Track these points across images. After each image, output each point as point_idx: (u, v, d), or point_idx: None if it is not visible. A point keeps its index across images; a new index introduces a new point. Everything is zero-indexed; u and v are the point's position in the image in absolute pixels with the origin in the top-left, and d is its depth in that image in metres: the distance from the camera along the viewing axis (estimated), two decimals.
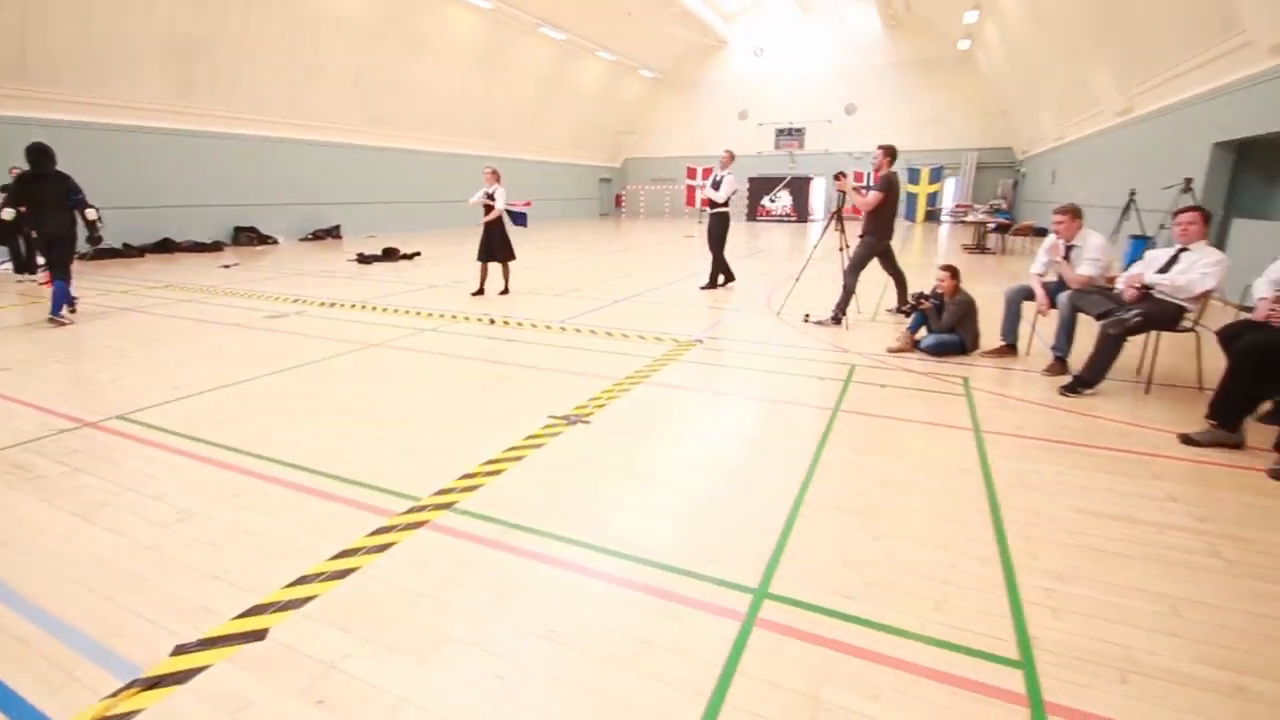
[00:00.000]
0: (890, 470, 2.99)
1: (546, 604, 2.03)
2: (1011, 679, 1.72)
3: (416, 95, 17.71)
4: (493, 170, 7.41)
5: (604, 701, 1.65)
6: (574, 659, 1.79)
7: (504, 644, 1.85)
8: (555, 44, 20.92)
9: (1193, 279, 3.80)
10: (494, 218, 7.29)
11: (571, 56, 22.18)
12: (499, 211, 7.25)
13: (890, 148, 5.89)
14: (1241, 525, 2.48)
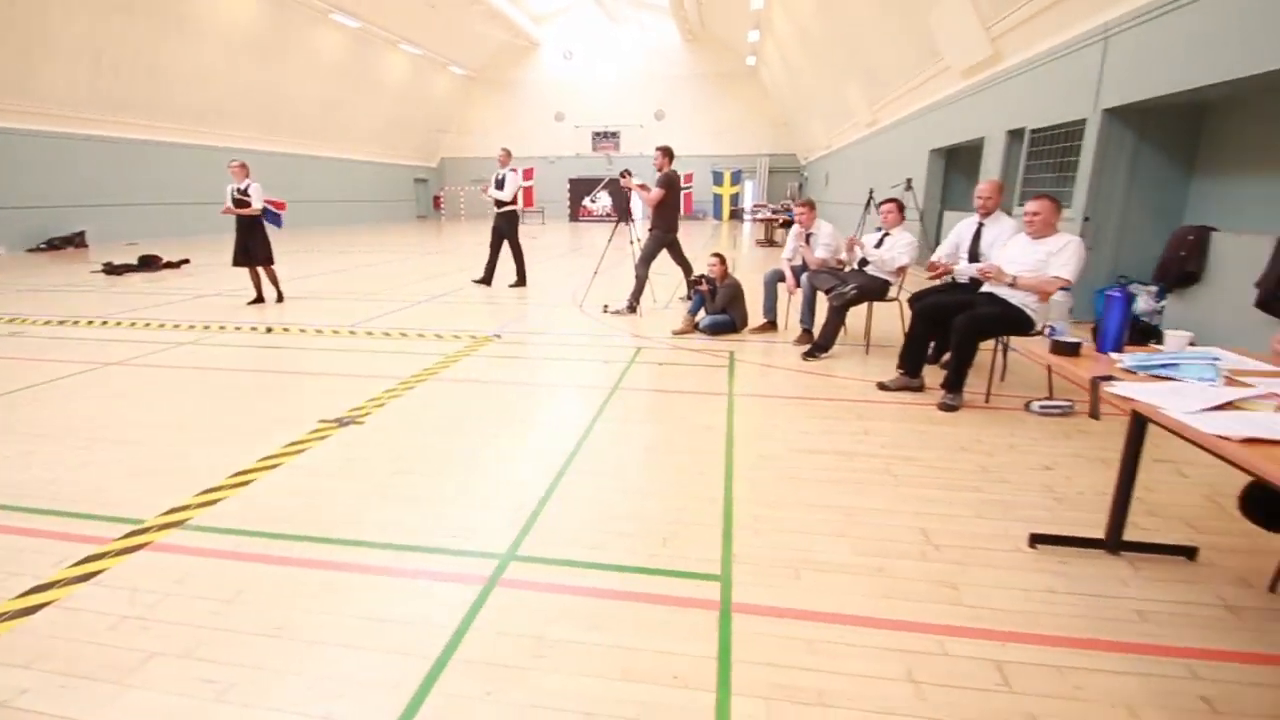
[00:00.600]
0: (650, 435, 3.29)
1: (277, 603, 1.95)
2: (710, 590, 2.01)
3: (181, 81, 15.42)
4: (241, 164, 6.62)
5: (328, 684, 1.64)
6: (301, 650, 1.76)
7: (221, 649, 1.76)
8: (350, 33, 19.48)
9: (893, 255, 4.65)
10: (250, 215, 6.60)
11: (370, 47, 20.79)
12: (256, 209, 6.58)
13: (667, 148, 6.37)
14: (910, 448, 3.11)
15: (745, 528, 2.37)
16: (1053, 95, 6.37)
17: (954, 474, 2.82)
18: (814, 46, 15.25)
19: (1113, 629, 1.84)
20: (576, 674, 1.66)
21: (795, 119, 22.55)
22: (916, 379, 3.89)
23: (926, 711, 1.55)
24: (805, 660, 1.71)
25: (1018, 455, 3.02)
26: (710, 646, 1.76)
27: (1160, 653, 1.75)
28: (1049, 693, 1.61)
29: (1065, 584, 2.05)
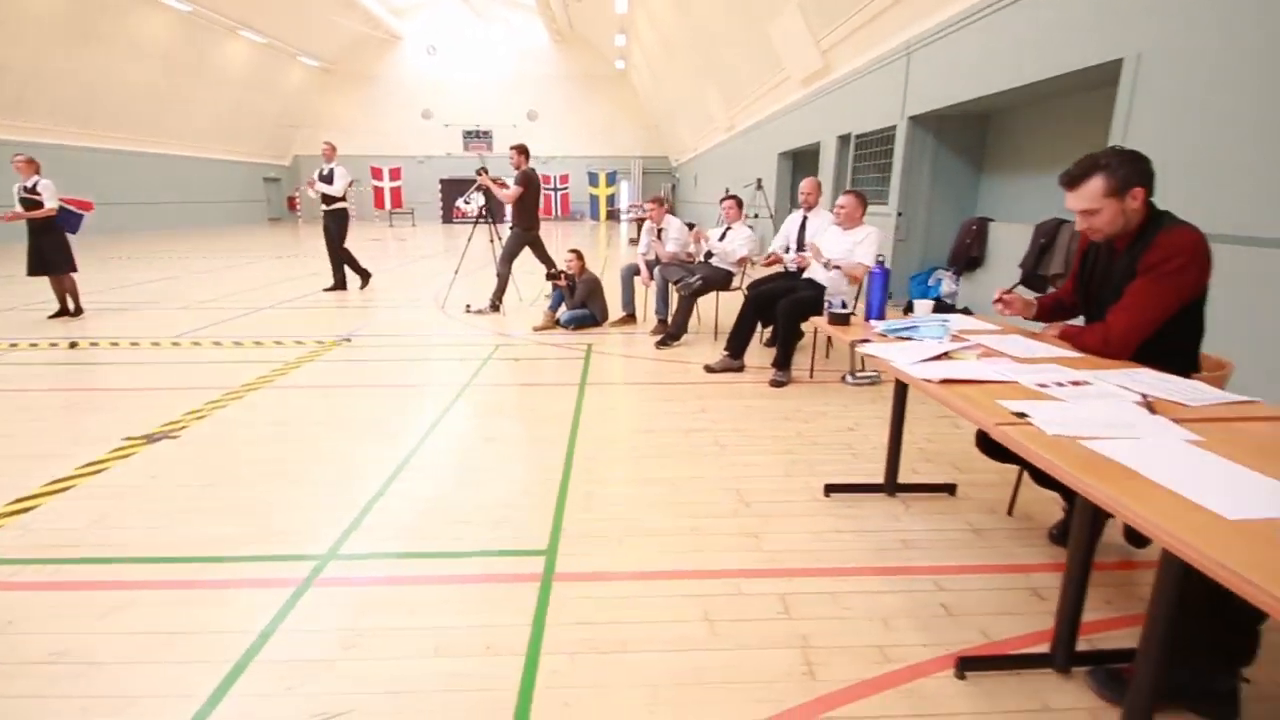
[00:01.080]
0: (496, 427, 3.31)
1: (54, 630, 1.78)
2: (535, 564, 2.09)
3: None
4: (27, 159, 5.76)
5: (108, 703, 1.53)
6: (79, 673, 1.62)
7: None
8: (179, 16, 17.53)
9: (734, 248, 4.99)
10: (43, 217, 5.79)
11: (205, 33, 18.84)
12: (51, 209, 5.79)
13: (522, 146, 6.38)
14: (739, 422, 3.38)
15: (577, 505, 2.48)
16: (872, 104, 7.12)
17: (773, 441, 3.11)
18: (675, 52, 15.85)
19: (880, 557, 2.13)
20: (386, 658, 1.67)
21: (664, 122, 23.28)
22: (739, 360, 4.21)
23: (717, 644, 1.72)
24: (614, 615, 1.84)
25: (829, 420, 3.39)
26: (526, 616, 1.84)
27: (915, 573, 2.06)
28: (821, 615, 1.84)
29: (849, 524, 2.34)
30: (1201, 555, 0.87)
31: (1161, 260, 1.72)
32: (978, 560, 2.13)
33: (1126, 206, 1.77)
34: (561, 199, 25.71)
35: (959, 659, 1.62)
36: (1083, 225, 1.86)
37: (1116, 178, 1.75)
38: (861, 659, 1.67)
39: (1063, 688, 1.58)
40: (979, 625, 1.81)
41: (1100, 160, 1.78)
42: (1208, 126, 3.06)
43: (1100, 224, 1.81)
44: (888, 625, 1.80)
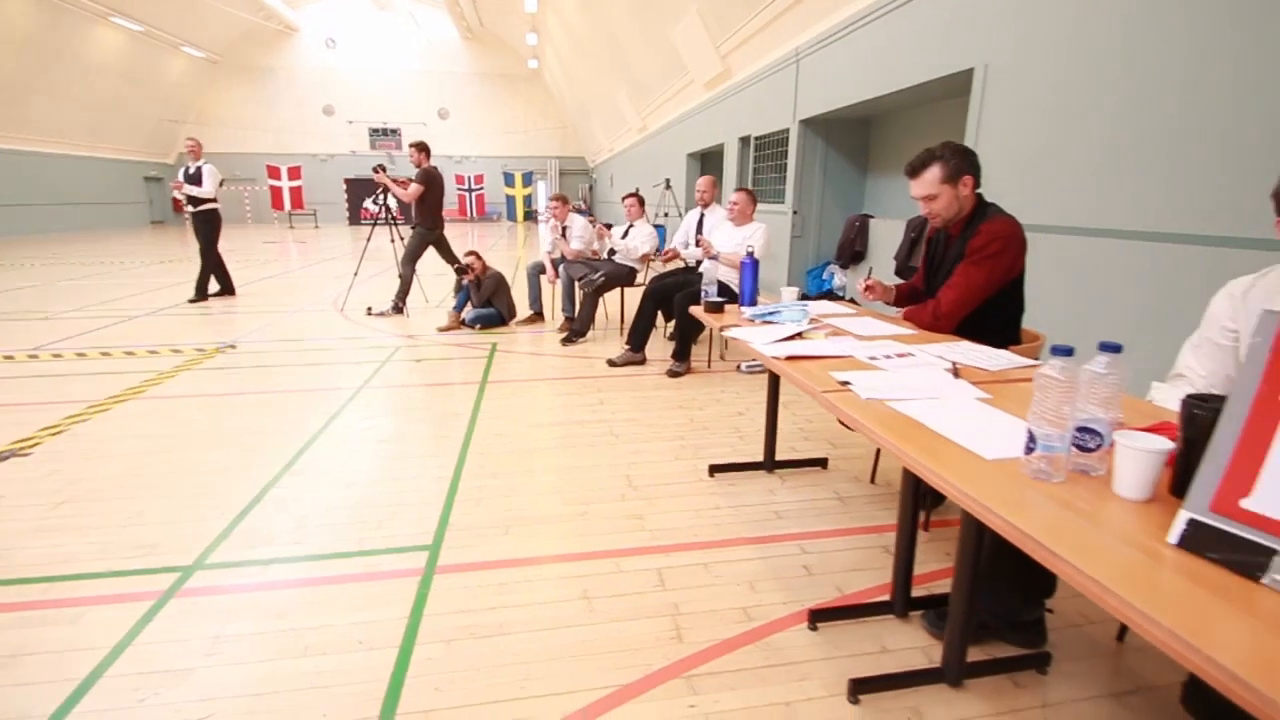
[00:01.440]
0: (389, 428, 3.25)
1: None
2: (418, 559, 2.08)
3: None
4: None
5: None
6: None
7: None
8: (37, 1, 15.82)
9: (636, 245, 5.10)
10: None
11: (67, 18, 17.10)
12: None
13: (421, 143, 6.24)
14: (635, 412, 3.48)
15: (467, 499, 2.48)
16: (768, 107, 7.45)
17: (666, 428, 3.23)
18: (585, 53, 15.90)
19: (753, 528, 2.28)
20: (250, 662, 1.63)
21: (580, 123, 23.28)
22: (640, 354, 4.33)
23: (593, 619, 1.79)
24: (494, 601, 1.87)
25: (721, 407, 3.54)
26: (404, 609, 1.83)
27: (783, 540, 2.21)
28: (693, 584, 1.95)
29: (728, 500, 2.47)
30: (959, 490, 1.02)
31: (983, 245, 1.95)
32: (840, 525, 2.31)
33: (959, 193, 2.01)
34: (476, 199, 25.16)
35: (810, 612, 1.77)
36: (924, 210, 2.09)
37: (950, 166, 1.98)
38: (726, 620, 1.79)
39: (900, 630, 1.75)
40: (835, 582, 1.97)
41: (936, 152, 2.01)
42: (1043, 129, 3.44)
43: (938, 208, 2.04)
44: (753, 588, 1.93)
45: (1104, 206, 3.04)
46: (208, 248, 6.89)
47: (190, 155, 6.85)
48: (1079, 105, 3.18)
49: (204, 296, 7.02)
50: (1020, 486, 1.00)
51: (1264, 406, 0.78)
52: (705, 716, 1.46)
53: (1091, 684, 1.57)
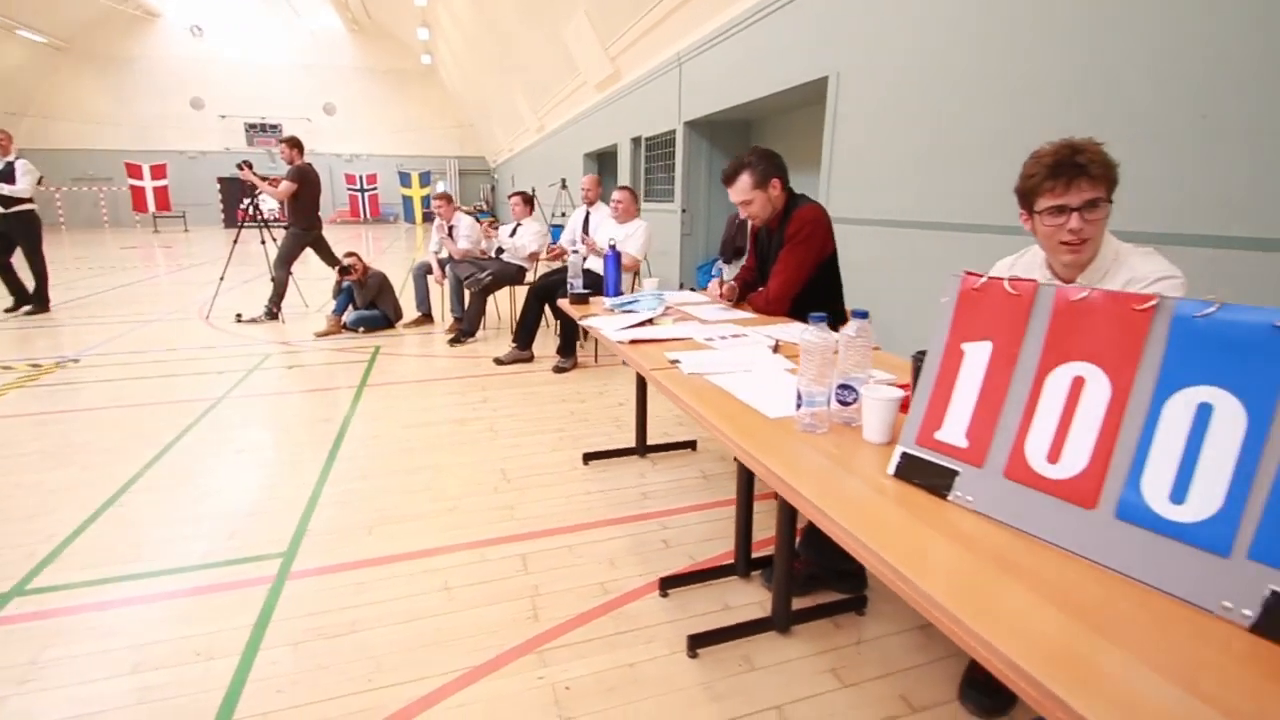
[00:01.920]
0: (251, 438, 3.08)
1: None
2: (270, 567, 2.01)
3: None
4: None
5: None
6: None
7: None
8: None
9: (524, 243, 5.10)
10: None
11: None
12: None
13: (293, 139, 5.93)
14: (518, 408, 3.50)
15: (331, 503, 2.42)
16: (656, 109, 7.65)
17: (547, 421, 3.27)
18: (479, 51, 15.59)
19: (620, 509, 2.37)
20: (70, 685, 1.53)
21: (479, 122, 22.76)
22: (527, 351, 4.36)
23: (451, 608, 1.81)
24: (349, 601, 1.84)
25: (603, 399, 3.64)
26: (249, 618, 1.77)
27: (647, 518, 2.32)
28: (555, 565, 2.01)
29: (599, 485, 2.56)
30: (730, 440, 1.15)
31: (796, 231, 2.15)
32: (700, 500, 2.45)
33: (770, 195, 2.20)
34: (370, 200, 23.96)
35: (661, 580, 1.88)
36: (744, 214, 2.28)
37: (757, 173, 2.17)
38: (583, 596, 1.86)
39: (742, 589, 1.90)
40: (689, 552, 2.10)
41: (745, 160, 2.20)
42: (882, 134, 3.78)
43: (754, 211, 2.23)
44: (613, 564, 2.02)
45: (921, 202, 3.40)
46: (34, 252, 6.08)
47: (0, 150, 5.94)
48: (908, 112, 3.53)
49: (45, 306, 6.27)
50: (789, 438, 1.14)
51: (950, 354, 0.94)
52: (552, 685, 1.53)
53: (902, 619, 1.78)
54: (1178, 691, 0.56)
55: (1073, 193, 1.29)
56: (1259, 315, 0.67)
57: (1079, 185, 1.29)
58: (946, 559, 0.79)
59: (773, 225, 2.30)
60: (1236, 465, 0.68)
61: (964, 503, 0.88)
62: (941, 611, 0.70)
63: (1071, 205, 1.29)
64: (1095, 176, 1.28)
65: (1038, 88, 2.71)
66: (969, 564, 0.77)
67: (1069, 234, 1.31)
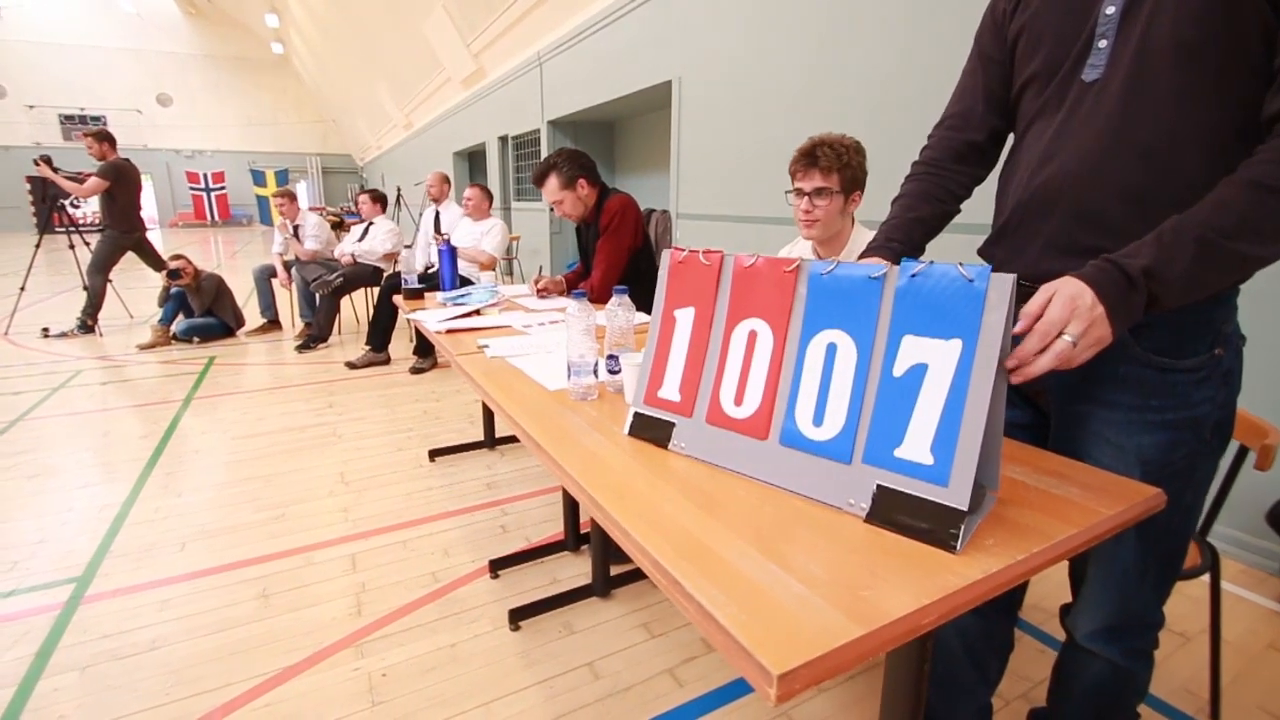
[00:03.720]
0: (46, 461, 2.77)
1: None
2: (59, 594, 1.84)
3: None
4: None
5: None
6: None
7: None
8: None
9: (374, 245, 4.91)
10: None
11: None
12: None
13: (102, 132, 5.30)
14: (367, 411, 3.39)
15: (139, 523, 2.23)
16: (521, 108, 7.63)
17: (396, 423, 3.20)
18: (336, 43, 14.69)
19: (461, 501, 2.39)
20: None
21: (342, 118, 21.39)
22: (382, 353, 4.24)
23: (267, 615, 1.75)
24: (150, 619, 1.73)
25: (459, 397, 3.61)
26: (30, 648, 1.62)
27: (486, 508, 2.35)
28: (386, 561, 2.00)
29: (444, 480, 2.56)
30: (503, 410, 1.22)
31: (607, 223, 2.29)
32: (542, 486, 2.52)
33: (579, 194, 2.33)
34: (218, 200, 21.78)
35: (491, 563, 1.93)
36: (558, 212, 2.38)
37: (564, 175, 2.28)
38: (413, 587, 1.87)
39: (571, 562, 1.99)
40: (525, 535, 2.16)
41: (551, 162, 2.30)
42: (722, 134, 4.04)
43: (567, 210, 2.35)
44: (446, 554, 2.05)
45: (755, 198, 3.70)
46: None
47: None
48: (741, 114, 3.81)
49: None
50: (559, 407, 1.23)
51: (665, 321, 1.07)
52: (368, 674, 1.53)
53: None
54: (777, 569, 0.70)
55: (806, 180, 1.51)
56: (860, 269, 0.85)
57: (811, 174, 1.51)
58: (646, 491, 0.90)
59: (589, 220, 2.42)
60: (852, 390, 0.84)
61: (680, 450, 1.01)
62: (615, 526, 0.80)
63: (804, 190, 1.52)
64: (824, 168, 1.50)
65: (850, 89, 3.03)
66: (661, 491, 0.89)
67: (801, 213, 1.53)
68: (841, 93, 3.07)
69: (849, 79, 3.02)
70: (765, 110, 3.59)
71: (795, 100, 3.37)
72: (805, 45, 3.26)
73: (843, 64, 3.04)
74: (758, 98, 3.65)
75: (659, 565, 0.72)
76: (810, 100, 3.26)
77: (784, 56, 3.43)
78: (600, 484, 0.91)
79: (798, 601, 0.64)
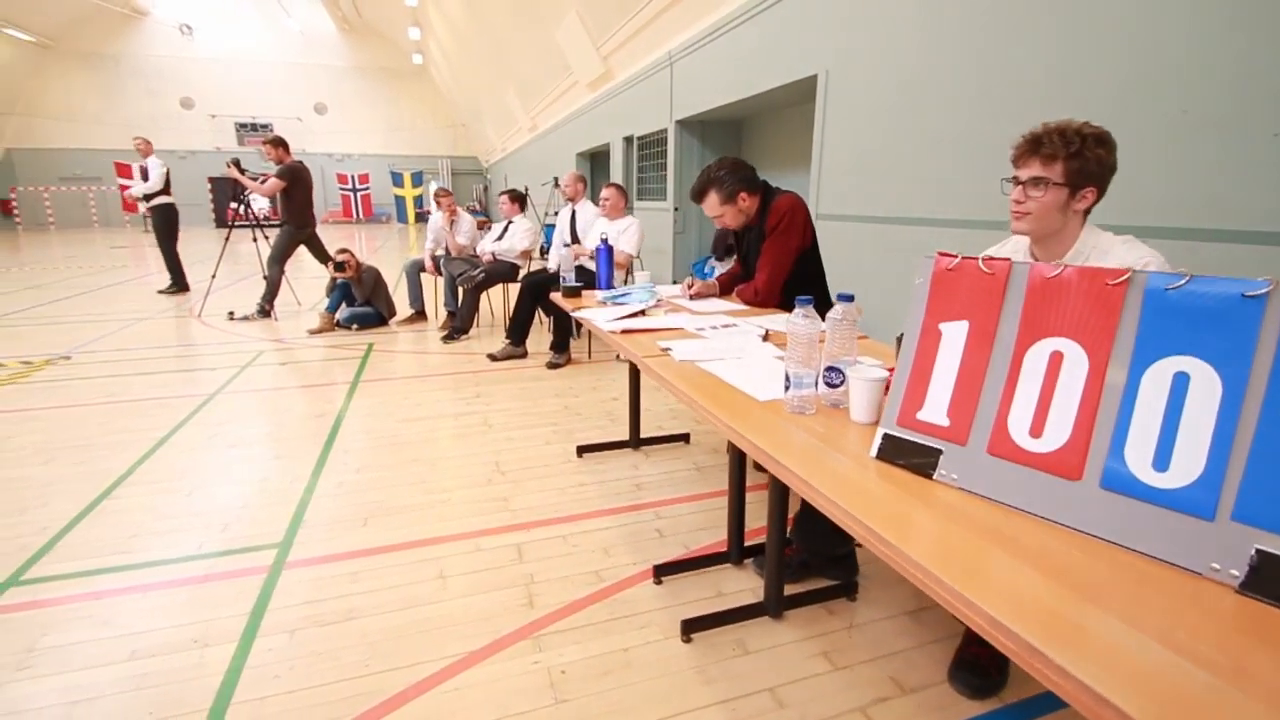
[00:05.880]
0: (243, 433, 3.08)
1: None
2: (265, 557, 2.02)
3: None
4: None
5: None
6: None
7: None
8: None
9: (513, 244, 5.11)
10: None
11: None
12: None
13: (277, 138, 5.90)
14: (511, 402, 3.51)
15: (325, 495, 2.42)
16: (648, 108, 7.67)
17: (540, 416, 3.28)
18: (470, 51, 15.57)
19: (614, 500, 2.39)
20: (67, 672, 1.53)
21: (471, 122, 22.71)
22: (521, 347, 4.37)
23: (446, 596, 1.83)
24: (344, 590, 1.85)
25: (596, 394, 3.65)
26: (245, 606, 1.78)
27: (641, 509, 2.34)
28: (550, 554, 2.03)
29: (594, 477, 2.58)
30: (721, 421, 1.17)
31: (774, 225, 2.19)
32: (694, 491, 2.47)
33: (740, 206, 2.24)
34: (363, 200, 23.87)
35: (655, 568, 1.90)
36: (719, 225, 2.32)
37: (724, 190, 2.21)
38: (578, 584, 1.88)
39: (734, 576, 1.92)
40: (683, 541, 2.12)
41: (712, 176, 2.23)
42: (872, 132, 3.82)
43: (728, 222, 2.30)
44: (607, 553, 2.04)
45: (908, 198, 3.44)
46: (167, 241, 7.22)
47: (140, 153, 7.13)
48: (894, 109, 3.57)
49: (183, 287, 7.44)
50: (779, 420, 1.16)
51: (927, 334, 0.96)
52: (547, 669, 1.54)
53: (893, 605, 1.80)
54: (1159, 647, 0.58)
55: (1024, 168, 1.35)
56: (1229, 286, 0.70)
57: (1030, 162, 1.34)
58: (932, 528, 0.81)
59: (753, 222, 2.33)
60: (1215, 431, 0.70)
61: (949, 481, 0.90)
62: (927, 575, 0.72)
63: (1020, 178, 1.35)
64: (1046, 156, 1.33)
65: (1019, 82, 2.74)
66: (955, 533, 0.79)
67: (1012, 203, 1.38)
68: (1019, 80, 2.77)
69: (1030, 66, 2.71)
70: (928, 103, 3.33)
71: (963, 91, 3.09)
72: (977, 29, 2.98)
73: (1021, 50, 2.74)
74: (919, 90, 3.39)
75: (1007, 630, 0.62)
76: (981, 91, 2.98)
77: (952, 43, 3.16)
78: (876, 515, 0.83)
79: (1211, 693, 0.52)
